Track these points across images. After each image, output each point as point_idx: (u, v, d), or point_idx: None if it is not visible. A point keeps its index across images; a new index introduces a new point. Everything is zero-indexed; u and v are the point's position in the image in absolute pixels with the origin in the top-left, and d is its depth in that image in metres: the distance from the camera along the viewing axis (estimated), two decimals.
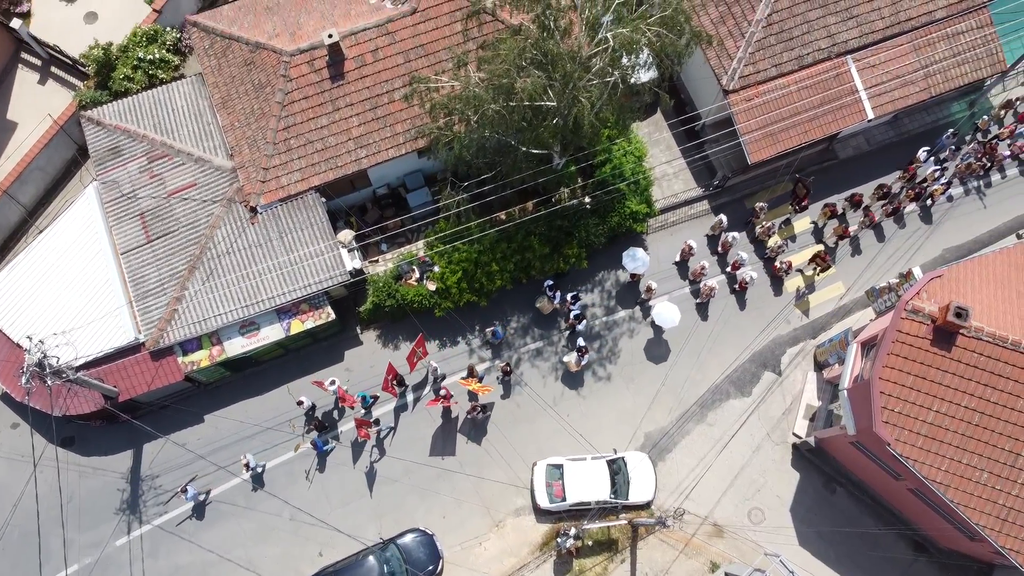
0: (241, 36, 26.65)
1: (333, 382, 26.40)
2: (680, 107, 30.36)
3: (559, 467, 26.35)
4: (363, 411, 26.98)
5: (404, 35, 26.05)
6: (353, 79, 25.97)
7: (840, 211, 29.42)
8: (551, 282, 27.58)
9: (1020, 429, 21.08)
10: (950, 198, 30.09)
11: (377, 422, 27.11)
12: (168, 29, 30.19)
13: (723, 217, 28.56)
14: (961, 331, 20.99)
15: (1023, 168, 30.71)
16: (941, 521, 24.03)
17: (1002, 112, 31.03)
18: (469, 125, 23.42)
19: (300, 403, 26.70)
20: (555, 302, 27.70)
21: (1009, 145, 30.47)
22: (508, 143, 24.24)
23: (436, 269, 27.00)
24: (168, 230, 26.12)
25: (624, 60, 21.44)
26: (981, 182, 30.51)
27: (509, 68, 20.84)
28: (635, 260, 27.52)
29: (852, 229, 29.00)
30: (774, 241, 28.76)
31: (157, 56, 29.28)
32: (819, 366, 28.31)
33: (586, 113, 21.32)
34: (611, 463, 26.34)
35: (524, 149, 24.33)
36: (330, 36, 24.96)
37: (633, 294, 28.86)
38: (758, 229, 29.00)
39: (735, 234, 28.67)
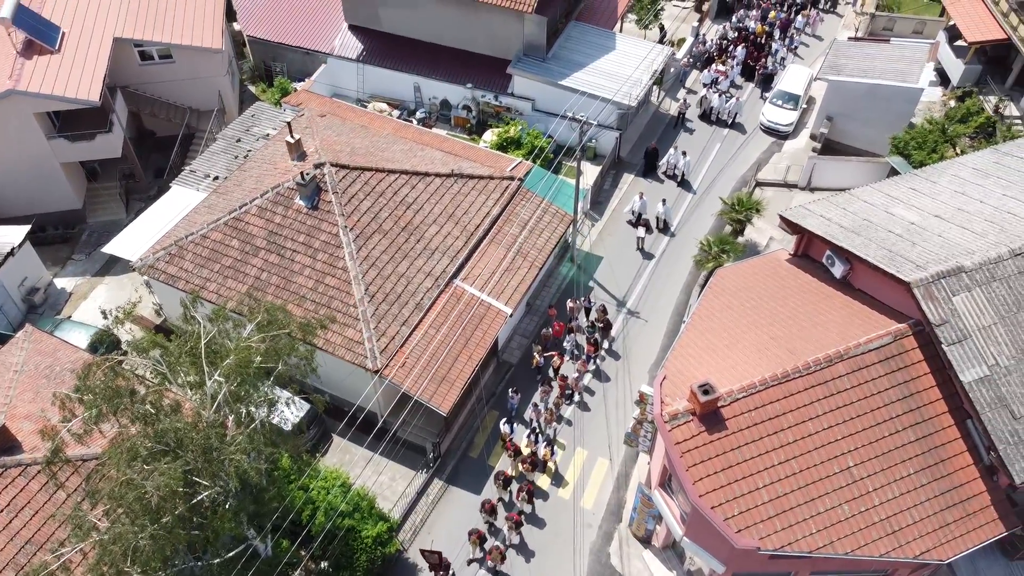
0: None
1: None
2: (352, 417, 27.97)
3: None
4: None
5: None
6: None
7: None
8: None
9: (829, 447, 20.33)
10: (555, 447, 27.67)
11: None
12: None
13: None
14: (719, 404, 20.23)
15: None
16: None
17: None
18: None
19: None
20: None
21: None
22: (193, 565, 19.29)
23: None
24: None
25: (254, 392, 18.63)
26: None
27: (129, 479, 16.67)
28: None
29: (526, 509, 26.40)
30: None
31: None
32: (646, 541, 25.71)
33: (249, 469, 17.72)
34: None
35: (217, 560, 19.58)
36: None
37: None
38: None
39: None
